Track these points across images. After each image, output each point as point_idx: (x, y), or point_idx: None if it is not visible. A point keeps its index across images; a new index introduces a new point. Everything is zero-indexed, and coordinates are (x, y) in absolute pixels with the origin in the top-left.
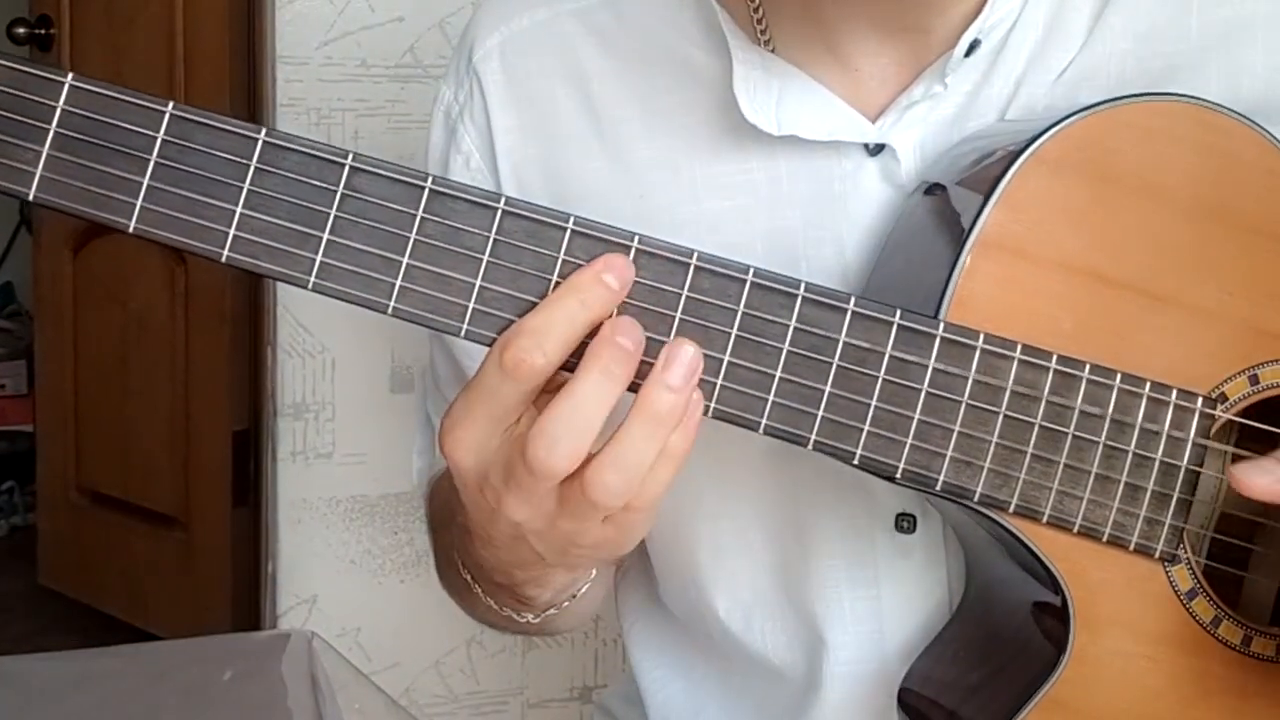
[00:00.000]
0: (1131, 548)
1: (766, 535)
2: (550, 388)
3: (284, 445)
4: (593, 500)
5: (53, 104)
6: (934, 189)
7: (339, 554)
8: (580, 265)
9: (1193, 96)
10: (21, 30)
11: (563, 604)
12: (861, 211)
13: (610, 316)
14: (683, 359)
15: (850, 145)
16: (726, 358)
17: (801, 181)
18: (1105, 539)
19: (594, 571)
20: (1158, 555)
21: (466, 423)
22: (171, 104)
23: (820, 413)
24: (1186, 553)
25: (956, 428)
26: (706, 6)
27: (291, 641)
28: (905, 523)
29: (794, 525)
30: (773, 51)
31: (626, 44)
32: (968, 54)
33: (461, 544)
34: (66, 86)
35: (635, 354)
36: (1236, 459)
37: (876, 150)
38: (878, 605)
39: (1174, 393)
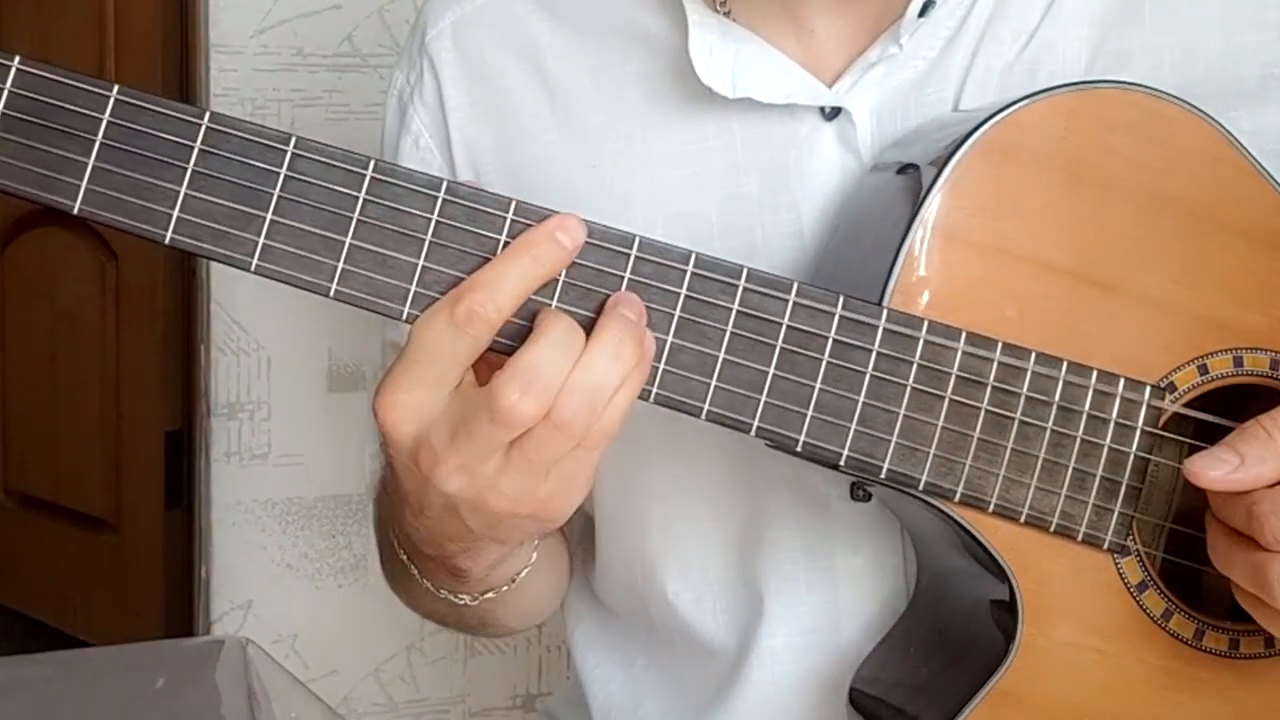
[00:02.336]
0: (1080, 538)
1: (719, 511)
2: (489, 359)
3: (218, 446)
4: (559, 423)
5: None
6: (884, 169)
7: (275, 558)
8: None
9: (1137, 83)
10: None
11: (501, 588)
12: (818, 177)
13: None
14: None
15: (806, 109)
16: (670, 339)
17: (756, 148)
18: (1053, 529)
19: (533, 555)
20: (1106, 546)
21: (408, 385)
22: (117, 87)
23: (763, 398)
24: (1137, 544)
25: (901, 412)
26: None
27: (226, 648)
28: (860, 492)
29: (747, 498)
30: (728, 15)
31: (579, 16)
32: (921, 14)
33: (396, 518)
34: (14, 69)
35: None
36: (1193, 451)
37: (833, 114)
38: (832, 575)
39: (1121, 382)
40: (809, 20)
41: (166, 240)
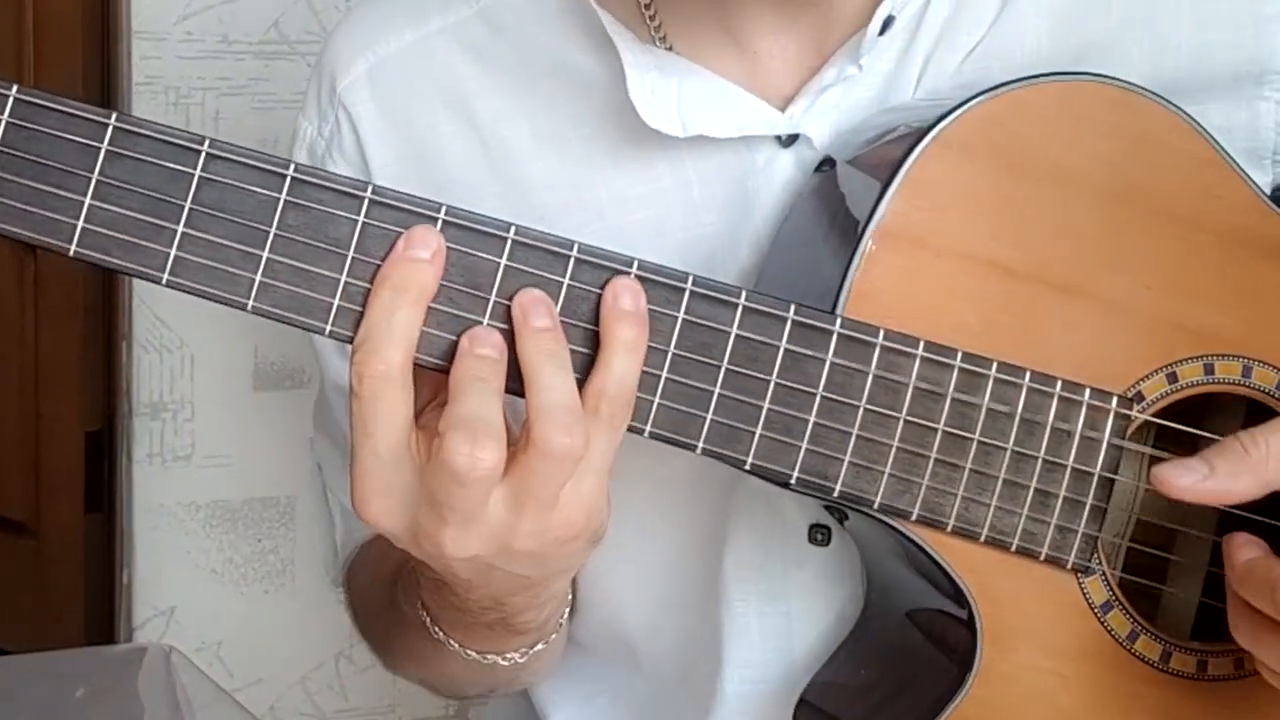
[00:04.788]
0: (1042, 558)
1: (686, 546)
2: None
3: (140, 447)
4: (545, 452)
5: None
6: (829, 167)
7: (199, 563)
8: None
9: (1104, 75)
10: None
11: (550, 636)
12: (779, 206)
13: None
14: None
15: (761, 139)
16: None
17: (713, 184)
18: (1014, 549)
19: (569, 594)
20: (1069, 566)
21: (366, 478)
22: (15, 87)
23: (709, 415)
24: (1101, 564)
25: (855, 431)
26: (589, 9)
27: (148, 656)
28: (819, 535)
29: (714, 535)
30: (665, 44)
31: (506, 58)
32: (882, 31)
33: (434, 599)
34: None
35: (501, 360)
36: (1155, 463)
37: (790, 141)
38: (787, 622)
39: (1087, 392)
40: (751, 41)
41: (71, 253)
